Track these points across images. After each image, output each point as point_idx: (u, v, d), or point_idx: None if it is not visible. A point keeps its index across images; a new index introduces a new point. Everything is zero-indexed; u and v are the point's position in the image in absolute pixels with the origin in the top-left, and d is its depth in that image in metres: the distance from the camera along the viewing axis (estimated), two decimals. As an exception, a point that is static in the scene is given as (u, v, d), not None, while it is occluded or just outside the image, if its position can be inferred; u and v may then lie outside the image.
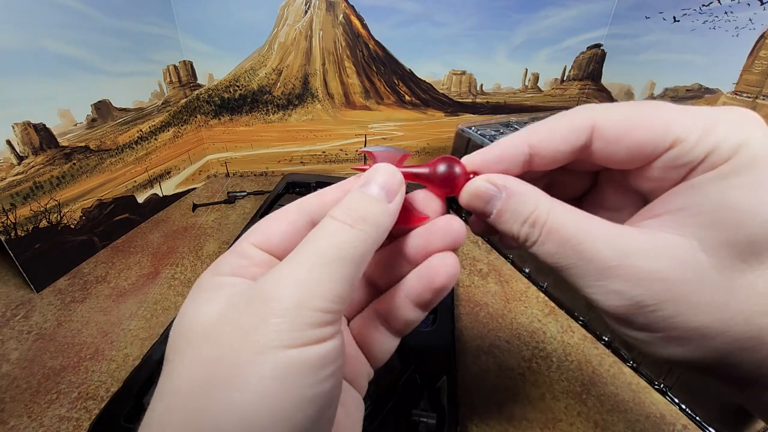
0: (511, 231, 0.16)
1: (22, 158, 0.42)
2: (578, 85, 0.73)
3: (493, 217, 0.17)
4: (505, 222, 0.16)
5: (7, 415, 0.31)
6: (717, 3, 0.51)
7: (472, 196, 0.17)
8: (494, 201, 0.16)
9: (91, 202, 0.51)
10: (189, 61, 0.62)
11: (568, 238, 0.15)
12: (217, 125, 0.68)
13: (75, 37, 0.45)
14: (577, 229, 0.15)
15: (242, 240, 0.18)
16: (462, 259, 0.50)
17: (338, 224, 0.15)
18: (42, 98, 0.44)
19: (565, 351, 0.37)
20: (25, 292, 0.44)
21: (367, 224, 0.15)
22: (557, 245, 0.15)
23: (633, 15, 0.62)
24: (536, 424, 0.31)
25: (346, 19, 0.63)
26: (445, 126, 0.73)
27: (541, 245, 0.15)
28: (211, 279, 0.16)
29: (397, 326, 0.19)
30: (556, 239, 0.15)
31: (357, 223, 0.15)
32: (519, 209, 0.16)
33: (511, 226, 0.16)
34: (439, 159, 0.18)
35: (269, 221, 0.18)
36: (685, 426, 0.31)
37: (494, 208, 0.16)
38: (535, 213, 0.15)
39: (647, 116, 0.14)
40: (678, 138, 0.14)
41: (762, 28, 0.47)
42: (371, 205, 0.16)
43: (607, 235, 0.14)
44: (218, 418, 0.12)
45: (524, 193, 0.16)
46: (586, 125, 0.15)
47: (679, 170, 0.14)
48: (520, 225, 0.16)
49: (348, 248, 0.15)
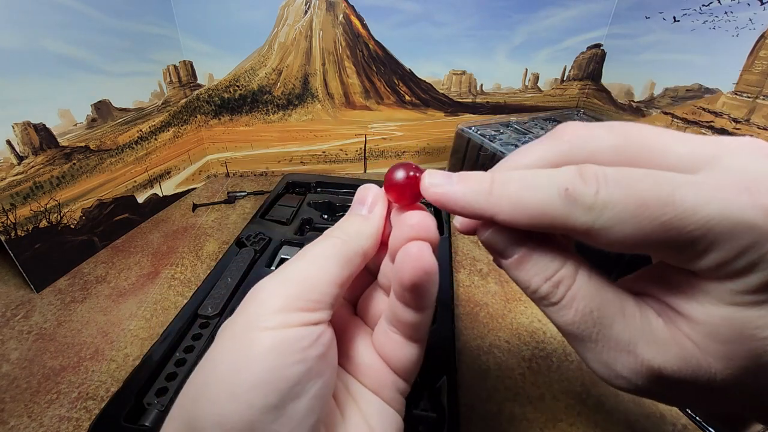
0: (529, 283, 0.14)
1: (22, 158, 0.42)
2: (578, 85, 0.73)
3: (512, 261, 0.15)
4: (526, 272, 0.14)
5: (7, 415, 0.31)
6: (717, 3, 0.51)
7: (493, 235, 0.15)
8: (517, 246, 0.14)
9: (91, 202, 0.51)
10: (189, 61, 0.62)
11: (592, 308, 0.13)
12: (217, 125, 0.68)
13: (75, 37, 0.45)
14: (604, 299, 0.13)
15: None
16: (462, 259, 0.50)
17: (323, 236, 0.18)
18: (42, 98, 0.44)
19: (565, 351, 0.37)
20: (25, 292, 0.44)
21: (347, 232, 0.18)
22: (579, 313, 0.13)
23: (633, 15, 0.62)
24: (536, 424, 0.31)
25: (346, 19, 0.63)
26: (445, 126, 0.73)
27: (561, 309, 0.14)
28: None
29: (401, 329, 0.19)
30: (580, 307, 0.13)
31: (340, 233, 0.18)
32: (545, 263, 0.14)
33: (532, 278, 0.14)
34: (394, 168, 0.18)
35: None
36: (685, 426, 0.31)
37: (516, 254, 0.14)
38: (562, 272, 0.14)
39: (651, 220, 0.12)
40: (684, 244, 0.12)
41: (762, 28, 0.47)
42: (352, 217, 0.19)
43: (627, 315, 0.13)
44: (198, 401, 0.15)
45: (551, 247, 0.14)
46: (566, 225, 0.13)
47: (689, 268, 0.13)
48: (543, 280, 0.14)
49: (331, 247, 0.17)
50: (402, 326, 0.18)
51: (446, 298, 0.40)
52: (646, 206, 0.11)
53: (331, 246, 0.17)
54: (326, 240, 0.18)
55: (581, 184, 0.12)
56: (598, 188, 0.12)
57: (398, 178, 0.18)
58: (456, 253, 0.51)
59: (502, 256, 0.15)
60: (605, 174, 0.12)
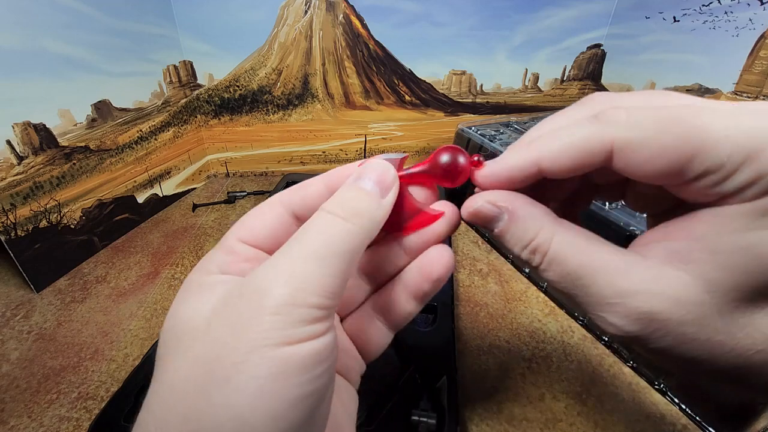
0: (513, 251, 0.16)
1: (22, 158, 0.42)
2: (578, 85, 0.73)
3: (495, 233, 0.16)
4: (507, 242, 0.16)
5: (7, 415, 0.31)
6: (717, 3, 0.51)
7: (473, 216, 0.17)
8: (495, 222, 0.16)
9: (91, 202, 0.51)
10: (189, 61, 0.62)
11: (568, 271, 0.14)
12: (217, 125, 0.68)
13: (75, 37, 0.45)
14: (578, 263, 0.14)
15: (228, 236, 0.18)
16: (462, 259, 0.50)
17: (331, 218, 0.15)
18: (42, 98, 0.44)
19: (565, 351, 0.37)
20: (25, 292, 0.44)
21: (362, 218, 0.15)
22: (558, 276, 0.15)
23: (633, 15, 0.62)
24: (536, 424, 0.31)
25: (346, 19, 0.63)
26: (445, 126, 0.73)
27: (544, 272, 0.15)
28: (200, 278, 0.16)
29: (396, 320, 0.20)
30: (557, 270, 0.15)
31: (351, 217, 0.15)
32: (520, 235, 0.15)
33: (512, 247, 0.16)
34: (439, 150, 0.18)
35: (254, 216, 0.18)
36: (685, 426, 0.31)
37: (496, 228, 0.16)
38: (536, 240, 0.15)
39: (674, 139, 0.12)
40: (710, 168, 0.12)
41: (762, 28, 0.47)
42: (365, 200, 0.16)
43: (608, 271, 0.14)
44: (215, 417, 0.12)
45: (527, 218, 0.15)
46: (603, 148, 0.14)
47: (711, 197, 0.13)
48: (521, 249, 0.16)
49: (341, 242, 0.14)
50: (398, 316, 0.19)
51: (446, 298, 0.40)
52: (676, 122, 0.12)
53: (347, 234, 0.15)
54: (337, 224, 0.15)
55: (614, 110, 0.14)
56: (628, 113, 0.13)
57: (461, 163, 0.17)
58: (456, 253, 0.51)
59: (489, 229, 0.17)
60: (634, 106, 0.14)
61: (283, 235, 0.18)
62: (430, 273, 0.18)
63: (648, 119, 0.13)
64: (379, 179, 0.17)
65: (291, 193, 0.19)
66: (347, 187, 0.17)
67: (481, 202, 0.16)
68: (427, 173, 0.18)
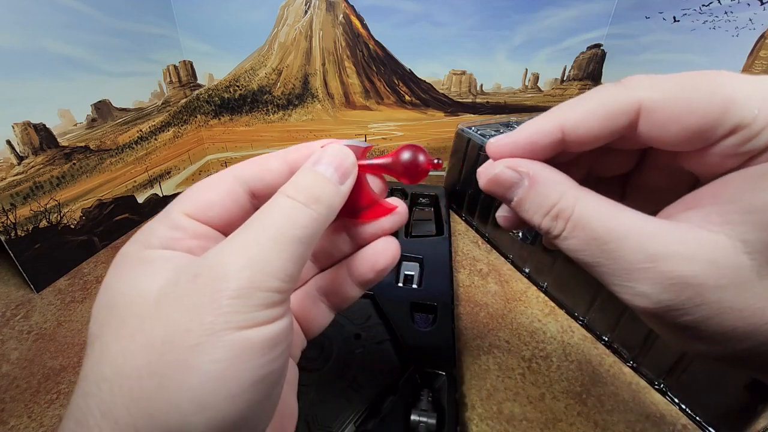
0: (532, 222, 0.15)
1: (22, 158, 0.42)
2: (578, 85, 0.73)
3: (514, 204, 0.16)
4: (526, 212, 0.15)
5: (7, 415, 0.31)
6: (717, 3, 0.51)
7: (492, 183, 0.16)
8: (515, 189, 0.15)
9: (91, 202, 0.51)
10: (189, 61, 0.62)
11: (594, 236, 0.13)
12: (217, 125, 0.68)
13: (75, 37, 0.45)
14: (605, 227, 0.13)
15: (171, 209, 0.16)
16: (462, 259, 0.50)
17: (291, 202, 0.15)
18: (42, 98, 0.44)
19: (565, 351, 0.37)
20: (25, 292, 0.44)
21: (321, 205, 0.15)
22: (582, 242, 0.14)
23: (633, 15, 0.62)
24: (536, 424, 0.31)
25: (346, 19, 0.63)
26: (445, 126, 0.73)
27: (565, 240, 0.14)
28: (139, 252, 0.15)
29: (338, 303, 0.20)
30: (582, 236, 0.14)
31: (310, 202, 0.15)
32: (541, 200, 0.15)
33: (532, 216, 0.15)
34: (403, 147, 0.18)
35: (203, 189, 0.17)
36: (685, 426, 0.31)
37: (515, 196, 0.15)
38: (559, 205, 0.14)
39: (703, 95, 0.12)
40: (741, 122, 0.12)
41: (762, 28, 0.47)
42: (325, 186, 0.16)
43: (638, 234, 0.13)
44: (170, 401, 0.12)
45: (549, 183, 0.15)
46: (631, 108, 0.14)
47: (740, 158, 0.13)
48: (542, 217, 0.15)
49: (301, 227, 0.14)
50: (339, 299, 0.20)
51: (446, 298, 0.40)
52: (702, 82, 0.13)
53: (306, 218, 0.15)
54: (297, 209, 0.15)
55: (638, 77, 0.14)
56: (651, 79, 0.13)
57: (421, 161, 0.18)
58: (456, 253, 0.51)
59: (505, 201, 0.16)
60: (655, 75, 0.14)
61: (236, 212, 0.17)
62: (376, 263, 0.19)
63: (672, 81, 0.13)
64: (338, 165, 0.16)
65: (247, 167, 0.18)
66: (306, 171, 0.16)
67: (500, 167, 0.16)
68: (388, 167, 0.18)
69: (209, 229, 0.16)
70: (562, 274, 0.42)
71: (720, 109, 0.12)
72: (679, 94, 0.13)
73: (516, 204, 0.15)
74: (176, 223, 0.16)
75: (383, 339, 0.34)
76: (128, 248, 0.15)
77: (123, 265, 0.15)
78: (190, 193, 0.17)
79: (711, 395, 0.30)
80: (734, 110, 0.12)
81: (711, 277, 0.12)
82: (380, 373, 0.31)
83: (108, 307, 0.14)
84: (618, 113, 0.14)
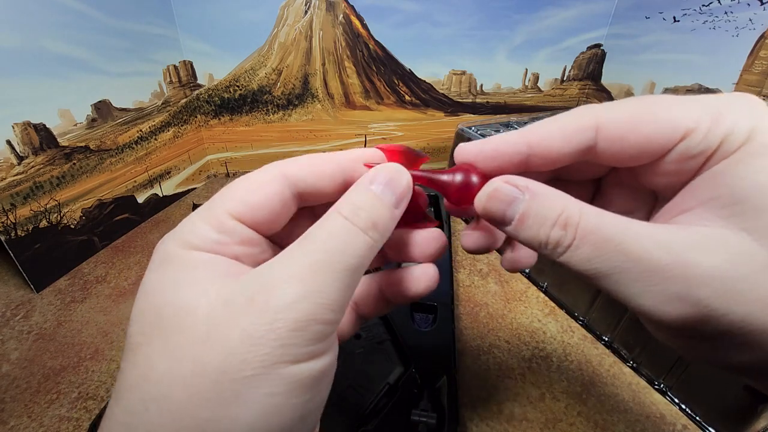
0: (537, 237, 0.14)
1: (22, 158, 0.42)
2: (578, 85, 0.73)
3: (515, 223, 0.14)
4: (529, 227, 0.14)
5: (7, 415, 0.31)
6: (717, 3, 0.51)
7: (491, 199, 0.15)
8: (516, 204, 0.14)
9: (91, 202, 0.51)
10: (189, 61, 0.62)
11: (609, 237, 0.13)
12: (217, 125, 0.68)
13: (75, 37, 0.45)
14: (617, 228, 0.13)
15: (215, 206, 0.15)
16: (462, 259, 0.50)
17: (349, 226, 0.14)
18: (42, 98, 0.44)
19: (565, 351, 0.37)
20: (25, 292, 0.44)
21: (377, 232, 0.14)
22: (595, 248, 0.13)
23: (633, 15, 0.62)
24: (536, 424, 0.31)
25: (346, 19, 0.63)
26: (445, 126, 0.73)
27: (576, 249, 0.13)
28: (183, 252, 0.14)
29: (365, 313, 0.20)
30: (594, 240, 0.13)
31: (368, 228, 0.14)
32: (546, 212, 0.14)
33: (538, 231, 0.14)
34: (468, 169, 0.17)
35: (250, 188, 0.15)
36: (685, 426, 0.31)
37: (516, 212, 0.14)
38: (565, 213, 0.14)
39: (653, 109, 0.14)
40: (689, 128, 0.13)
41: (762, 28, 0.47)
42: (383, 211, 0.15)
43: (651, 232, 0.12)
44: (221, 430, 0.12)
45: (549, 193, 0.14)
46: (590, 124, 0.14)
47: (695, 160, 0.13)
48: (549, 228, 0.14)
49: (357, 256, 0.14)
50: (368, 311, 0.20)
51: (446, 298, 0.40)
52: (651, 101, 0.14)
53: (364, 247, 0.14)
54: (355, 235, 0.14)
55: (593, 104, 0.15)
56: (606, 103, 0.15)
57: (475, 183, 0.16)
58: (456, 253, 0.51)
59: (504, 222, 0.15)
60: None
61: (283, 216, 0.16)
62: (409, 289, 0.18)
63: (624, 102, 0.14)
64: (395, 187, 0.16)
65: (298, 168, 0.16)
66: (364, 191, 0.15)
67: (498, 182, 0.15)
68: (443, 184, 0.17)
69: (255, 234, 0.16)
70: (562, 274, 0.42)
71: (670, 119, 0.13)
72: (633, 109, 0.14)
73: (518, 221, 0.14)
74: (222, 225, 0.15)
75: (383, 339, 0.34)
76: (170, 246, 0.14)
77: (165, 265, 0.14)
78: (237, 192, 0.15)
79: (711, 395, 0.30)
80: (682, 119, 0.13)
81: (735, 269, 0.11)
82: (380, 373, 0.31)
83: (151, 314, 0.13)
84: (580, 129, 0.15)
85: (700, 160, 0.13)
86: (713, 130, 0.13)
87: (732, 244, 0.12)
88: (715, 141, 0.13)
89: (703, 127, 0.13)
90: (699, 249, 0.12)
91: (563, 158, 0.15)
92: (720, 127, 0.13)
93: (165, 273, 0.14)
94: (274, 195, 0.15)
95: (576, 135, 0.15)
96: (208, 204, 0.15)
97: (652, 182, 0.15)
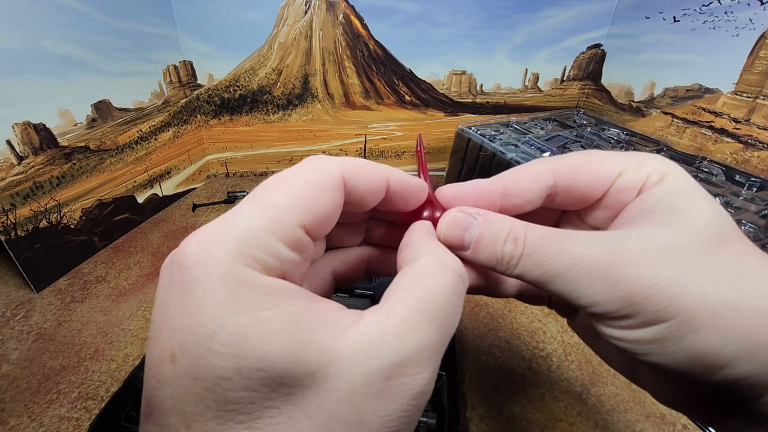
0: (494, 254, 0.16)
1: (22, 158, 0.42)
2: (578, 85, 0.73)
3: (473, 245, 0.16)
4: (485, 247, 0.16)
5: (7, 415, 0.31)
6: (717, 3, 0.51)
7: (449, 226, 0.17)
8: (471, 228, 0.16)
9: (91, 202, 0.51)
10: (189, 61, 0.62)
11: (553, 243, 0.15)
12: (217, 125, 0.68)
13: (75, 37, 0.45)
14: (559, 236, 0.15)
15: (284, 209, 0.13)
16: (462, 259, 0.50)
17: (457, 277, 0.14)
18: (42, 98, 0.44)
19: (565, 351, 0.37)
20: (25, 292, 0.44)
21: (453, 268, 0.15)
22: (542, 253, 0.15)
23: (633, 15, 0.62)
24: (536, 424, 0.31)
25: (346, 19, 0.63)
26: (445, 126, 0.73)
27: (528, 258, 0.15)
28: (260, 278, 0.12)
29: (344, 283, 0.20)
30: (541, 247, 0.15)
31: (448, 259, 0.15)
32: (497, 230, 0.16)
33: (494, 248, 0.16)
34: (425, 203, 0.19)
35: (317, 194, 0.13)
36: (685, 426, 0.31)
37: (473, 236, 0.16)
38: (513, 230, 0.16)
39: (595, 158, 0.17)
40: (622, 168, 0.17)
41: (762, 28, 0.47)
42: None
43: (590, 234, 0.15)
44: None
45: (497, 217, 0.17)
46: (550, 167, 0.18)
47: (630, 192, 0.16)
48: (502, 244, 0.16)
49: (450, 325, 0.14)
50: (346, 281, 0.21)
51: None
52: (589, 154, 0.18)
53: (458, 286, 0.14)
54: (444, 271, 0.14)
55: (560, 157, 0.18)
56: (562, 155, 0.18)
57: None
58: (456, 253, 0.51)
59: (462, 246, 0.17)
60: None
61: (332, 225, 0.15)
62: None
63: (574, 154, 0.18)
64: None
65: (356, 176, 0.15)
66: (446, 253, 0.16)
67: (453, 212, 0.17)
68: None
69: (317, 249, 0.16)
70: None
71: (608, 164, 0.17)
72: (578, 157, 0.17)
73: (475, 242, 0.16)
74: (297, 240, 0.13)
75: (383, 339, 0.34)
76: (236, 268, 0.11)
77: (238, 293, 0.11)
78: (300, 194, 0.13)
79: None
80: (617, 163, 0.17)
81: (655, 249, 0.14)
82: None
83: (262, 373, 0.11)
84: (542, 170, 0.18)
85: (634, 192, 0.16)
86: (639, 171, 0.16)
87: (654, 235, 0.14)
88: (642, 177, 0.16)
89: (631, 169, 0.16)
90: (630, 240, 0.14)
91: (532, 196, 0.18)
92: (644, 168, 0.16)
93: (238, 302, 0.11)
94: (335, 204, 0.14)
95: (542, 174, 0.18)
96: (262, 204, 0.13)
97: (596, 219, 0.18)
